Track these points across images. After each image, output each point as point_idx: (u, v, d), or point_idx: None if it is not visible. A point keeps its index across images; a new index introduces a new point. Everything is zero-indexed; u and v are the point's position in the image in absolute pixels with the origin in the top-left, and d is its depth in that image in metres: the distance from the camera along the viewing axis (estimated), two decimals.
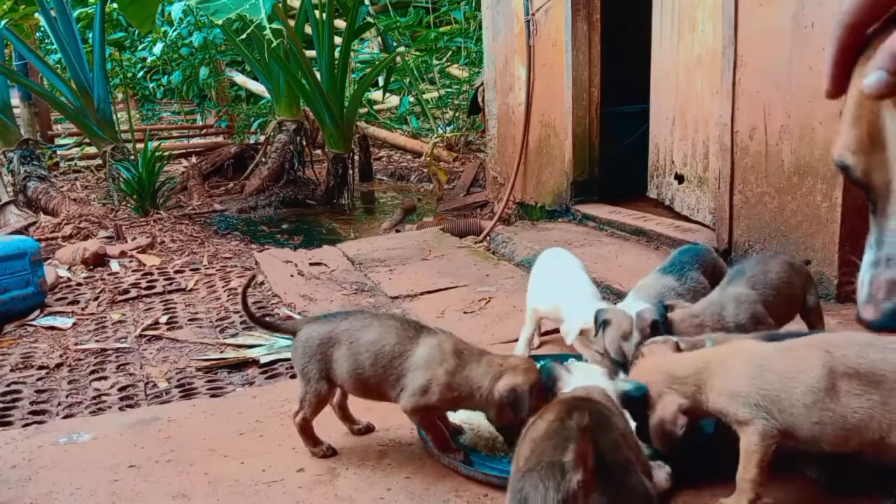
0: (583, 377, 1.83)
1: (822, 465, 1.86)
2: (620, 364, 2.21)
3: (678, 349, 1.95)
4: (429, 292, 3.75)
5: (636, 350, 2.12)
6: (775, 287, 2.28)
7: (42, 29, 9.29)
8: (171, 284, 4.24)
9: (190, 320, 3.63)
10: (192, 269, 4.56)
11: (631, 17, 4.64)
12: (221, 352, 3.18)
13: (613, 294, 3.40)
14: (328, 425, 2.26)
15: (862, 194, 0.88)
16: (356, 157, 8.11)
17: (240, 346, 3.20)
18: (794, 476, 1.88)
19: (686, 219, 4.18)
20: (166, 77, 11.91)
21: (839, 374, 1.61)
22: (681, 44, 4.06)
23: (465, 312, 3.41)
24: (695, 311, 2.21)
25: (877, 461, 1.73)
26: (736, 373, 1.74)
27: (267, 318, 2.71)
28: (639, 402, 1.80)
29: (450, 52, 10.06)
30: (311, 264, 4.38)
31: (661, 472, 1.82)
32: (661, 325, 2.15)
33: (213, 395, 2.76)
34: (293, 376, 2.72)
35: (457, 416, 2.15)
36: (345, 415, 2.27)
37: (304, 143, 7.99)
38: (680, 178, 4.23)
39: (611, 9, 4.69)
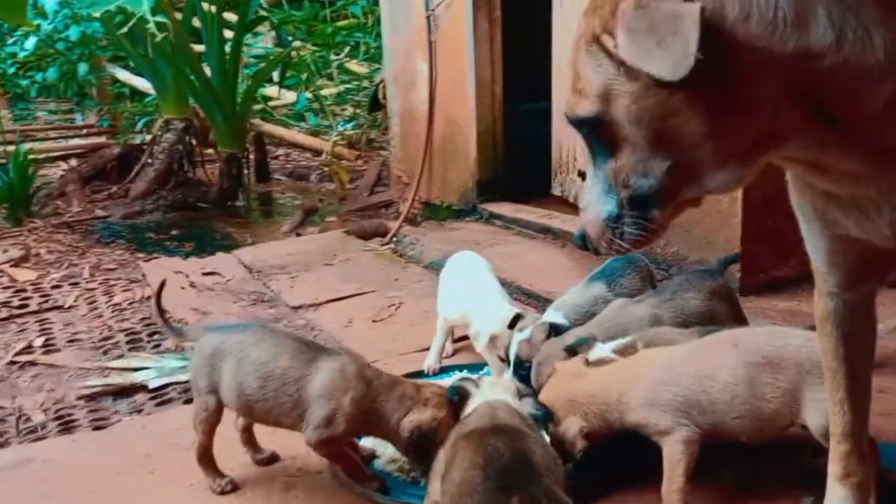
0: (490, 392, 1.75)
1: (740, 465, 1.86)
2: (516, 365, 2.19)
3: (586, 363, 1.90)
4: (334, 300, 3.58)
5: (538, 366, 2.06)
6: (696, 315, 2.15)
7: None
8: (47, 302, 3.87)
9: (69, 342, 3.30)
10: (71, 284, 4.19)
11: (536, 16, 4.59)
12: (105, 376, 2.89)
13: (523, 294, 3.36)
14: (228, 456, 2.07)
15: (765, 190, 0.83)
16: (251, 157, 7.79)
17: (125, 370, 2.92)
18: (715, 482, 1.86)
19: None
20: (41, 74, 11.09)
21: (750, 365, 1.65)
22: None
23: (374, 321, 3.28)
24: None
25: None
26: (653, 383, 1.74)
27: (177, 325, 2.41)
28: (544, 423, 1.78)
29: (348, 48, 9.86)
30: (203, 274, 4.11)
31: None
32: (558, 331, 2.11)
33: (96, 428, 2.50)
34: (187, 401, 2.50)
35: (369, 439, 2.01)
36: (249, 439, 2.10)
37: (194, 142, 7.59)
38: (583, 175, 4.23)
39: (513, 6, 4.64)
